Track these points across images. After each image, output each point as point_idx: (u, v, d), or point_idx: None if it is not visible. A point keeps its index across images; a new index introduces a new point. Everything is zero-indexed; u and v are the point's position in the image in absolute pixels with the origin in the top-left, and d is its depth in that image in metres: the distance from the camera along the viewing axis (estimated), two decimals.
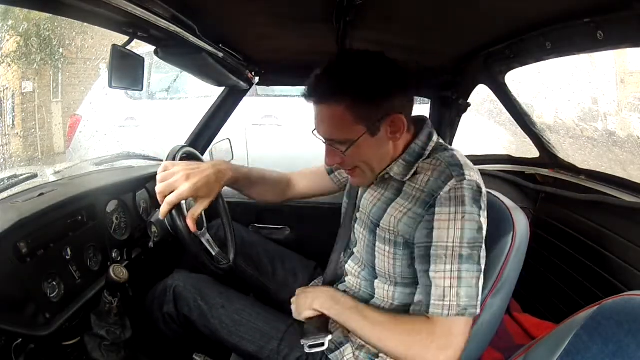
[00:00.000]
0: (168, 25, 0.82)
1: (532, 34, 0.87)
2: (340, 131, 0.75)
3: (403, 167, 0.80)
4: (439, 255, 0.70)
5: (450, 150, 0.79)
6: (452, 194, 0.71)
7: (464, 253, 0.69)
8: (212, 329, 0.95)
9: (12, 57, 4.05)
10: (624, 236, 0.99)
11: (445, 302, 0.69)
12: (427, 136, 0.81)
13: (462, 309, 0.68)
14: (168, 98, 3.20)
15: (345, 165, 0.81)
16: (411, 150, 0.80)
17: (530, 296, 1.31)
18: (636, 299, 0.55)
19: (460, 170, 0.73)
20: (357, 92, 0.72)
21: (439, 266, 0.70)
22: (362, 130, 0.74)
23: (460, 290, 0.68)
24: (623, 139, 1.94)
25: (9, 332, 0.75)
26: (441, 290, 0.69)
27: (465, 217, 0.69)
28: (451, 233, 0.69)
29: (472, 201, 0.70)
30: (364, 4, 0.75)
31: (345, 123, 0.73)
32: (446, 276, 0.69)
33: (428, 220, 0.72)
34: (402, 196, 0.79)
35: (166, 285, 1.01)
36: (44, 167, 2.52)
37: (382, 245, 0.82)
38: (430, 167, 0.77)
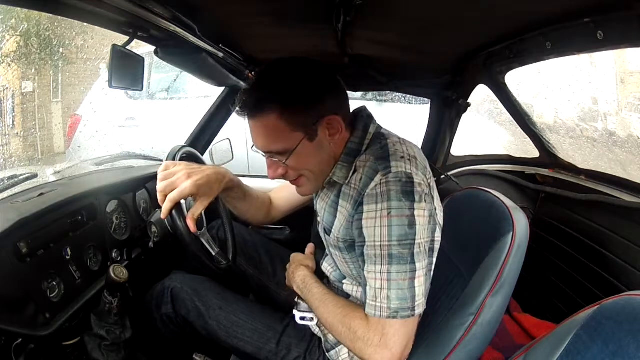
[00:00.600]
0: (168, 25, 0.82)
1: (532, 34, 0.87)
2: (277, 141, 0.73)
3: (345, 169, 0.77)
4: (369, 255, 0.68)
5: (383, 140, 0.75)
6: (378, 190, 0.67)
7: (394, 252, 0.65)
8: (210, 330, 0.95)
9: (12, 57, 4.05)
10: (624, 236, 0.99)
11: (377, 303, 0.67)
12: (362, 130, 0.78)
13: (392, 312, 0.65)
14: (168, 98, 3.20)
15: (288, 176, 0.78)
16: (348, 149, 0.77)
17: (530, 296, 1.31)
18: (636, 299, 0.55)
19: (386, 163, 0.69)
20: (287, 99, 0.70)
21: (370, 266, 0.68)
22: (300, 137, 0.72)
23: (391, 292, 0.65)
24: (623, 139, 1.94)
25: (9, 332, 0.75)
26: (373, 291, 0.67)
27: (392, 212, 0.65)
28: (378, 231, 0.66)
29: (400, 195, 0.66)
30: (364, 4, 0.75)
31: (280, 132, 0.71)
32: (377, 277, 0.67)
33: (357, 219, 0.71)
34: (342, 197, 0.78)
35: (164, 286, 1.01)
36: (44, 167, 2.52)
37: (333, 251, 0.84)
38: (363, 163, 0.74)
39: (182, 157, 1.21)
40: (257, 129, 0.74)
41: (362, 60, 1.24)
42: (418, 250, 0.66)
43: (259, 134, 0.74)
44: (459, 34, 0.96)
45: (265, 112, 0.70)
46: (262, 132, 0.73)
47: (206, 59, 1.08)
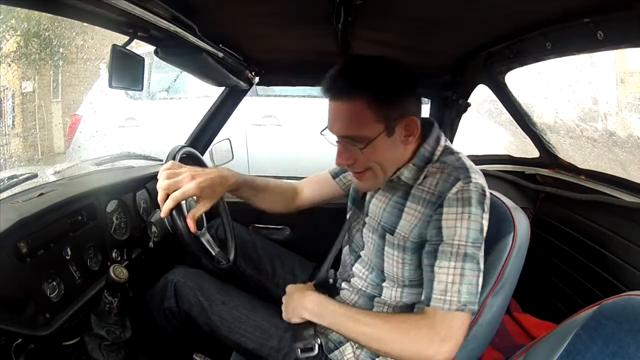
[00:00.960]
0: (168, 25, 0.82)
1: (532, 34, 0.87)
2: (359, 128, 0.74)
3: (414, 172, 0.80)
4: (444, 251, 0.72)
5: (456, 154, 0.81)
6: (460, 195, 0.72)
7: (469, 251, 0.70)
8: (212, 325, 0.95)
9: (12, 57, 4.05)
10: (624, 236, 0.99)
11: (447, 296, 0.70)
12: (435, 140, 0.82)
13: (462, 305, 0.69)
14: (168, 98, 3.20)
15: (356, 167, 0.79)
16: (420, 154, 0.81)
17: (530, 296, 1.31)
18: (636, 299, 0.55)
19: (467, 173, 0.75)
20: (378, 90, 0.73)
21: (444, 262, 0.71)
22: (380, 129, 0.74)
23: (462, 286, 0.70)
24: (623, 139, 1.94)
25: (9, 332, 0.75)
26: (443, 285, 0.71)
27: (471, 217, 0.71)
28: (457, 231, 0.71)
29: (477, 203, 0.72)
30: (364, 4, 0.75)
31: (364, 120, 0.73)
32: (449, 272, 0.71)
33: (436, 219, 0.74)
34: (411, 199, 0.80)
35: (167, 280, 1.01)
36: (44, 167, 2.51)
37: (390, 250, 0.82)
38: (438, 170, 0.78)
39: (182, 157, 1.21)
40: (340, 112, 0.75)
41: None
42: (481, 253, 0.72)
43: (341, 117, 0.75)
44: (459, 34, 0.96)
45: (355, 97, 0.72)
46: (345, 116, 0.75)
47: (206, 59, 1.08)
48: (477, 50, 1.10)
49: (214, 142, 1.60)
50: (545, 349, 0.62)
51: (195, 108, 2.18)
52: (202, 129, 1.55)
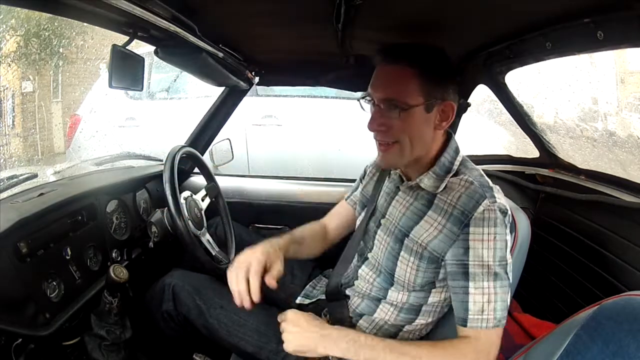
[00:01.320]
0: (168, 25, 0.82)
1: (532, 34, 0.87)
2: (403, 92, 0.75)
3: (433, 180, 0.81)
4: (476, 273, 0.74)
5: (477, 169, 0.83)
6: (486, 215, 0.74)
7: (498, 271, 0.73)
8: (210, 328, 0.95)
9: (12, 57, 4.05)
10: (624, 236, 0.99)
11: (484, 316, 0.73)
12: (454, 150, 0.84)
13: (497, 321, 0.72)
14: (168, 98, 3.20)
15: (387, 135, 0.79)
16: (441, 163, 0.82)
17: (530, 296, 1.31)
18: (636, 299, 0.55)
19: (491, 192, 0.77)
20: (429, 67, 0.76)
21: (478, 283, 0.73)
22: (421, 102, 0.76)
23: (497, 304, 0.73)
24: (623, 139, 1.94)
25: (9, 332, 0.75)
26: (480, 305, 0.73)
27: (497, 237, 0.73)
28: (485, 252, 0.73)
29: (502, 222, 0.74)
30: (364, 4, 0.75)
31: (410, 87, 0.75)
32: (484, 292, 0.73)
33: (463, 239, 0.75)
34: (433, 209, 0.80)
35: (164, 283, 1.01)
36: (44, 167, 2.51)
37: (407, 255, 0.82)
38: (461, 183, 0.79)
39: (182, 157, 1.21)
40: (389, 74, 0.77)
41: (362, 60, 1.24)
42: (508, 269, 0.75)
43: (388, 79, 0.77)
44: (459, 34, 0.96)
45: (407, 64, 0.75)
46: (392, 79, 0.77)
47: (206, 59, 1.08)
48: (477, 50, 1.10)
49: (214, 142, 1.60)
50: (545, 349, 0.62)
51: (195, 108, 2.18)
52: (202, 129, 1.55)
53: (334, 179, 1.67)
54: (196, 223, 1.16)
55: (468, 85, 1.33)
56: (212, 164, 1.60)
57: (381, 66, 0.79)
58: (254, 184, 1.64)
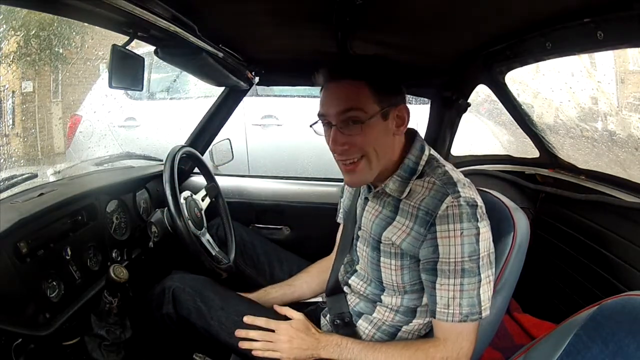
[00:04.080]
0: (168, 25, 0.82)
1: (532, 34, 0.87)
2: (359, 103, 0.76)
3: (399, 184, 0.81)
4: (443, 270, 0.75)
5: (442, 167, 0.81)
6: (450, 212, 0.74)
7: (466, 267, 0.73)
8: (211, 330, 0.95)
9: (12, 57, 4.05)
10: (624, 236, 0.99)
11: (449, 310, 0.75)
12: (419, 149, 0.83)
13: (463, 317, 0.74)
14: (168, 98, 3.20)
15: (351, 152, 0.78)
16: (405, 165, 0.81)
17: (530, 296, 1.31)
18: (636, 299, 0.55)
19: (454, 187, 0.76)
20: (376, 76, 0.77)
21: (444, 279, 0.75)
22: (377, 110, 0.76)
23: (462, 300, 0.74)
24: (623, 139, 1.93)
25: (9, 332, 0.75)
26: (445, 300, 0.75)
27: (464, 232, 0.73)
28: (452, 250, 0.74)
29: (469, 217, 0.74)
30: (364, 4, 0.75)
31: (364, 97, 0.76)
32: (449, 289, 0.74)
33: (431, 238, 0.76)
34: (400, 214, 0.81)
35: (164, 286, 1.00)
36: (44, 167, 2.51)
37: (387, 260, 0.83)
38: (425, 185, 0.79)
39: (182, 157, 1.21)
40: (339, 90, 0.77)
41: None
42: (482, 262, 0.74)
43: (339, 95, 0.77)
44: (459, 34, 0.96)
45: (357, 77, 0.76)
46: (344, 93, 0.77)
47: (206, 59, 1.08)
48: (477, 50, 1.10)
49: (214, 142, 1.60)
50: (545, 349, 0.62)
51: (195, 108, 2.17)
52: (202, 129, 1.55)
53: (334, 179, 1.67)
54: (196, 223, 1.16)
55: (468, 85, 1.33)
56: (212, 164, 1.60)
57: (328, 85, 0.79)
58: (254, 184, 1.64)
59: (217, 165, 1.64)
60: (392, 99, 0.78)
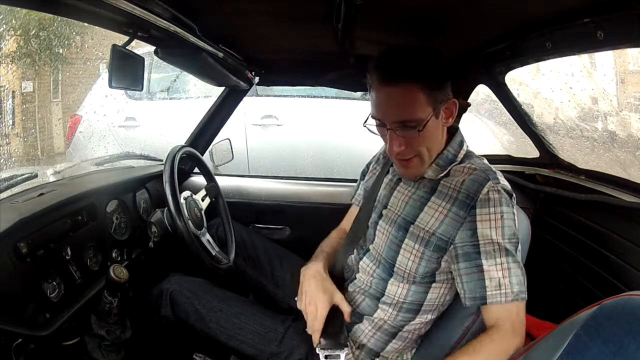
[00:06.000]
0: (168, 25, 0.82)
1: (532, 34, 0.87)
2: (415, 111, 0.75)
3: (437, 171, 0.83)
4: (487, 251, 0.75)
5: (481, 159, 0.84)
6: (491, 196, 0.76)
7: (508, 247, 0.75)
8: (210, 332, 0.95)
9: (12, 57, 4.05)
10: (624, 236, 0.99)
11: (502, 290, 0.74)
12: (458, 144, 0.85)
13: (516, 295, 0.74)
14: (168, 98, 3.20)
15: (407, 152, 0.79)
16: (444, 156, 0.83)
17: (530, 296, 1.31)
18: (636, 299, 0.55)
19: (495, 174, 0.79)
20: (430, 75, 0.76)
21: (490, 260, 0.75)
22: (430, 112, 0.76)
23: (512, 279, 0.74)
24: (623, 139, 1.94)
25: (9, 332, 0.75)
26: (496, 281, 0.74)
27: (504, 215, 0.75)
28: (494, 232, 0.75)
29: (508, 202, 0.76)
30: (364, 4, 0.75)
31: (419, 103, 0.75)
32: (498, 268, 0.74)
33: (470, 221, 0.76)
34: (437, 195, 0.82)
35: (162, 289, 1.00)
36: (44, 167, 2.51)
37: (411, 243, 0.82)
38: (465, 169, 0.81)
39: (182, 157, 1.21)
40: (395, 96, 0.76)
41: (362, 60, 1.24)
42: (519, 247, 0.77)
43: (396, 101, 0.76)
44: (459, 34, 0.96)
45: (410, 81, 0.74)
46: (400, 101, 0.76)
47: (206, 59, 1.08)
48: (477, 50, 1.10)
49: (214, 142, 1.60)
50: (545, 349, 0.62)
51: (195, 108, 2.17)
52: (202, 129, 1.55)
53: (334, 179, 1.67)
54: (196, 223, 1.16)
55: (468, 85, 1.33)
56: (212, 164, 1.60)
57: (381, 89, 0.76)
58: (254, 184, 1.64)
59: (217, 165, 1.64)
60: (444, 94, 0.78)
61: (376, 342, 0.88)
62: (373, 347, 0.88)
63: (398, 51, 0.78)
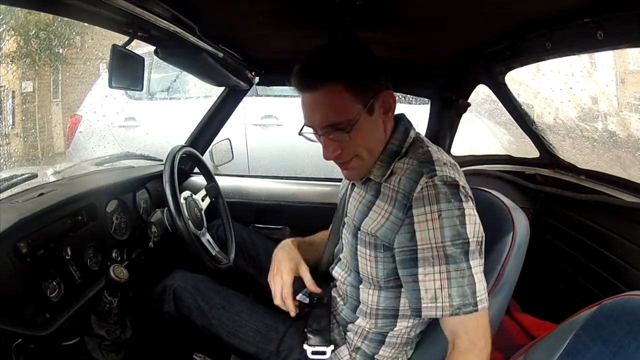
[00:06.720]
0: (168, 25, 0.82)
1: (532, 34, 0.87)
2: (341, 113, 0.72)
3: (382, 168, 0.78)
4: (424, 258, 0.68)
5: (425, 147, 0.77)
6: (425, 193, 0.68)
7: (449, 252, 0.66)
8: (211, 329, 0.95)
9: (12, 57, 4.05)
10: (624, 236, 0.99)
11: (438, 304, 0.67)
12: (403, 133, 0.80)
13: (456, 309, 0.66)
14: (168, 98, 3.20)
15: (343, 156, 0.76)
16: (388, 150, 0.79)
17: (530, 296, 1.31)
18: (636, 299, 0.55)
19: (430, 166, 0.71)
20: (350, 72, 0.72)
21: (427, 269, 0.68)
22: (361, 110, 0.72)
23: (451, 290, 0.66)
24: (623, 139, 1.94)
25: (9, 332, 0.75)
26: (432, 292, 0.67)
27: (442, 214, 0.67)
28: (431, 234, 0.67)
29: (448, 197, 0.68)
30: (364, 4, 0.75)
31: (345, 103, 0.71)
32: (435, 278, 0.67)
33: (408, 223, 0.70)
34: (380, 198, 0.77)
35: (165, 285, 1.01)
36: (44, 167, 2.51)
37: (362, 249, 0.80)
38: (404, 166, 0.76)
39: (182, 157, 1.21)
40: (319, 101, 0.73)
41: None
42: (471, 248, 0.67)
43: (320, 106, 0.73)
44: (459, 34, 0.96)
45: (330, 83, 0.71)
46: (325, 104, 0.72)
47: (206, 59, 1.08)
48: (477, 50, 1.10)
49: (214, 142, 1.60)
50: (545, 349, 0.62)
51: (195, 108, 2.17)
52: (202, 129, 1.55)
53: (334, 179, 1.67)
54: (196, 223, 1.16)
55: (468, 85, 1.33)
56: (212, 164, 1.60)
57: (306, 96, 0.74)
58: (254, 184, 1.64)
59: (217, 165, 1.64)
60: (373, 89, 0.73)
61: (367, 346, 0.88)
62: (366, 351, 0.88)
63: (317, 53, 0.76)
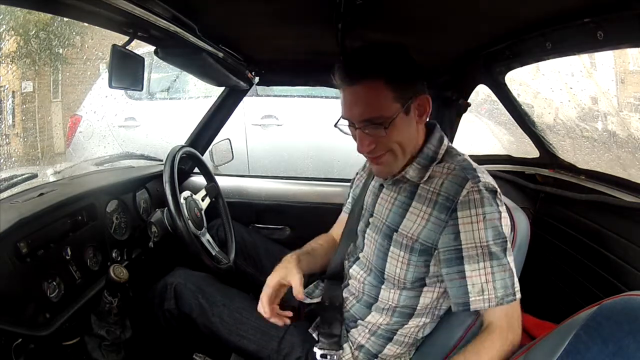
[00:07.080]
0: (168, 25, 0.82)
1: (532, 34, 0.87)
2: (380, 108, 0.75)
3: (418, 170, 0.81)
4: (470, 256, 0.74)
5: (461, 155, 0.83)
6: (471, 197, 0.74)
7: (492, 250, 0.73)
8: (212, 327, 0.95)
9: (12, 57, 4.05)
10: (624, 236, 0.99)
11: (485, 296, 0.74)
12: (438, 140, 0.84)
13: (500, 299, 0.73)
14: (168, 98, 3.20)
15: (377, 150, 0.79)
16: (424, 154, 0.82)
17: (530, 296, 1.31)
18: (636, 299, 0.55)
19: (474, 172, 0.77)
20: (392, 70, 0.75)
21: (473, 265, 0.74)
22: (398, 108, 0.76)
23: (496, 283, 0.73)
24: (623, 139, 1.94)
25: (9, 332, 0.75)
26: (479, 286, 0.74)
27: (486, 217, 0.74)
28: (476, 235, 0.74)
29: (490, 201, 0.74)
30: (364, 4, 0.75)
31: (384, 99, 0.75)
32: (481, 273, 0.74)
33: (452, 224, 0.75)
34: (417, 199, 0.81)
35: (166, 282, 1.01)
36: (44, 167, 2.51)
37: (397, 250, 0.82)
38: (444, 170, 0.80)
39: (182, 157, 1.21)
40: (359, 95, 0.76)
41: None
42: (508, 245, 0.75)
43: (360, 100, 0.76)
44: (459, 34, 0.96)
45: (372, 78, 0.74)
46: (364, 99, 0.76)
47: (206, 59, 1.08)
48: (477, 50, 1.10)
49: (214, 142, 1.60)
50: (545, 349, 0.62)
51: (195, 108, 2.17)
52: (202, 129, 1.55)
53: (334, 179, 1.67)
54: (196, 223, 1.16)
55: (468, 85, 1.33)
56: (212, 164, 1.60)
57: (346, 88, 0.77)
58: (254, 184, 1.64)
59: (217, 165, 1.64)
60: (412, 90, 0.77)
61: (373, 344, 0.88)
62: (370, 349, 0.88)
63: (361, 50, 0.79)
